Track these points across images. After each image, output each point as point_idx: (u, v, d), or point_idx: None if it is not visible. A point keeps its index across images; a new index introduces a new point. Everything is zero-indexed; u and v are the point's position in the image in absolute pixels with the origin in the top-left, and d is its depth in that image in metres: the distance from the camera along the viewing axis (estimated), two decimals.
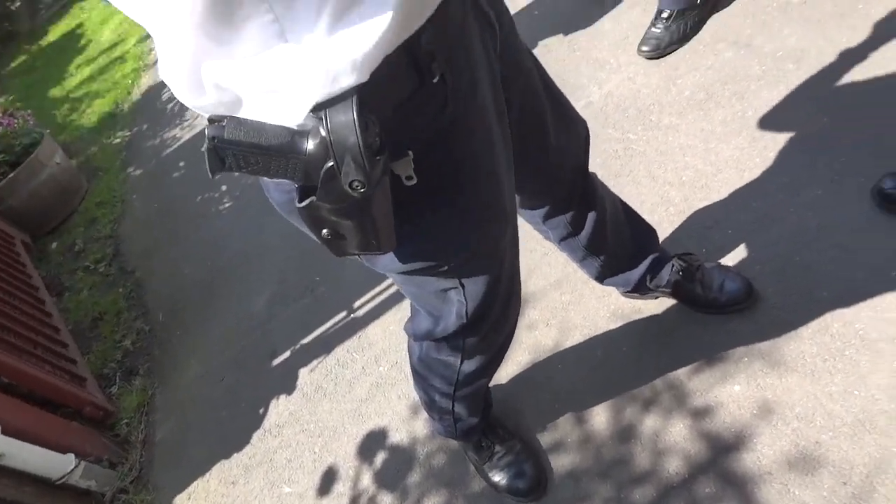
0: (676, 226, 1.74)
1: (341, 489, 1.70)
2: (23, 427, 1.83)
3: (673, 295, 1.54)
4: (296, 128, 0.60)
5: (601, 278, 1.48)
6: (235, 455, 1.94)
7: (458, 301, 0.98)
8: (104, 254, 3.19)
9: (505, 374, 1.69)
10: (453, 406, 1.31)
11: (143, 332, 2.59)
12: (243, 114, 0.62)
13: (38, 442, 1.84)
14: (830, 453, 1.26)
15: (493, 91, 0.81)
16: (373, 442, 1.75)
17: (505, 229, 0.92)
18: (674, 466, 1.38)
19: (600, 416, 1.52)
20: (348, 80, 0.58)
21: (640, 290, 1.52)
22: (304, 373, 2.04)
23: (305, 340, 2.14)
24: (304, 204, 0.63)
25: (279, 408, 1.99)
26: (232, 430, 2.02)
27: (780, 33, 2.01)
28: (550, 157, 1.11)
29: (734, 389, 1.42)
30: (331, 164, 0.58)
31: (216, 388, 2.18)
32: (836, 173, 1.61)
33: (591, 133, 1.21)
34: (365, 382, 1.90)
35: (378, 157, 0.59)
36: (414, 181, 0.69)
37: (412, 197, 0.72)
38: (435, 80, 0.67)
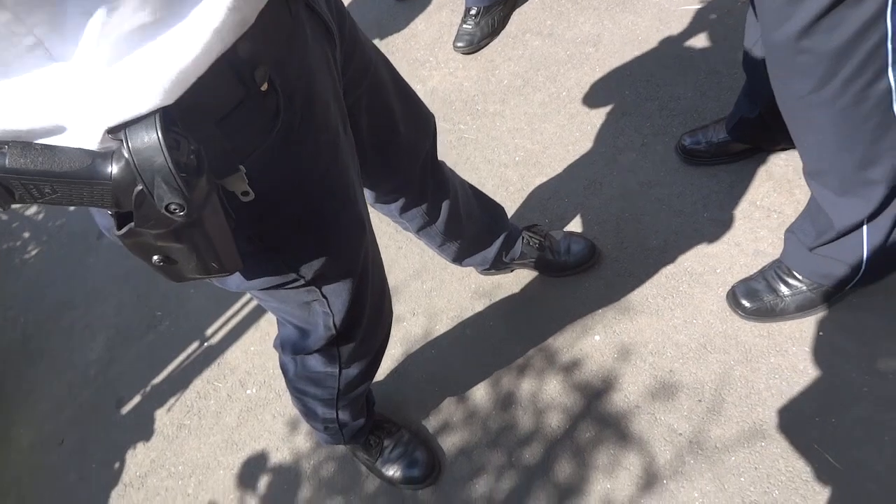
0: (519, 203, 1.85)
1: None
2: None
3: (527, 265, 1.63)
4: (96, 149, 0.53)
5: (459, 260, 1.53)
6: None
7: (323, 313, 0.95)
8: None
9: (381, 369, 1.66)
10: (338, 414, 1.28)
11: None
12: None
13: None
14: (683, 378, 1.41)
15: (335, 97, 0.79)
16: (253, 468, 1.64)
17: (362, 235, 0.90)
18: (555, 421, 1.46)
19: (480, 391, 1.57)
20: (148, 106, 0.52)
21: (496, 265, 1.59)
22: (160, 414, 1.86)
23: (156, 380, 1.95)
24: (122, 232, 0.56)
25: (137, 457, 1.80)
26: (85, 495, 1.78)
27: (576, 21, 2.22)
28: (403, 153, 1.12)
29: (595, 340, 1.54)
30: (140, 187, 0.52)
31: (57, 454, 1.92)
32: (645, 137, 1.81)
33: None
34: (233, 410, 1.78)
35: (198, 177, 0.54)
36: (251, 197, 0.65)
37: (255, 213, 0.68)
38: (264, 89, 0.64)
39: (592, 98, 1.98)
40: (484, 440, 1.49)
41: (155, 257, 0.60)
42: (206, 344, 1.97)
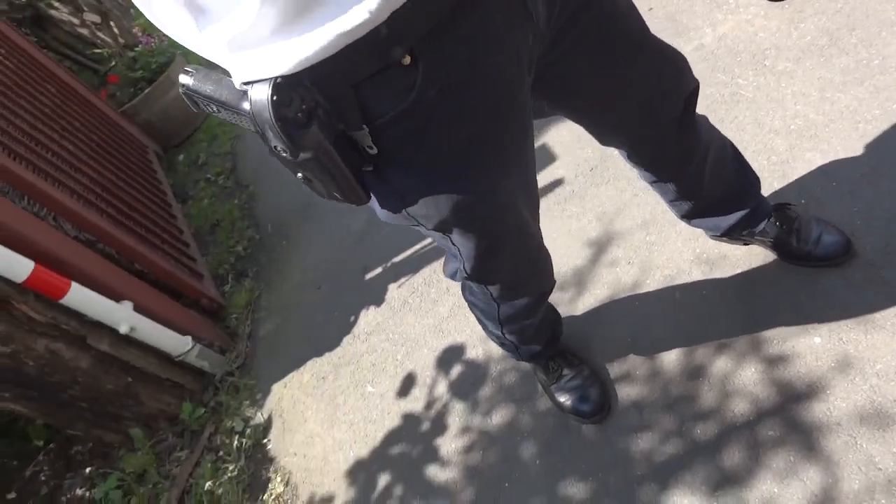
0: (777, 175, 1.69)
1: (418, 394, 1.84)
2: (151, 307, 2.09)
3: (765, 244, 1.52)
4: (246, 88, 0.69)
5: (689, 218, 1.47)
6: (327, 354, 2.13)
7: (455, 256, 1.02)
8: (223, 168, 3.46)
9: (582, 305, 1.74)
10: (505, 336, 1.37)
11: (254, 240, 2.83)
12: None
13: (163, 322, 2.10)
14: None
15: (509, 78, 0.80)
16: (451, 355, 1.87)
17: (490, 208, 0.91)
18: (740, 408, 1.39)
19: (671, 355, 1.55)
20: (271, 74, 0.66)
21: (730, 235, 1.50)
22: (392, 288, 2.18)
23: (396, 259, 2.27)
24: (269, 151, 0.72)
25: (368, 317, 2.15)
26: (325, 333, 2.21)
27: None
28: (633, 112, 1.07)
29: (814, 341, 1.40)
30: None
31: (314, 295, 2.38)
32: None
33: (698, 77, 1.16)
34: (448, 301, 2.01)
35: (304, 129, 0.66)
36: (374, 151, 0.75)
37: (383, 163, 0.78)
38: (406, 63, 0.70)
39: None
40: (660, 401, 1.49)
41: (298, 174, 0.75)
42: None
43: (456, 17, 0.71)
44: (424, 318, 2.01)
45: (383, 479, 1.74)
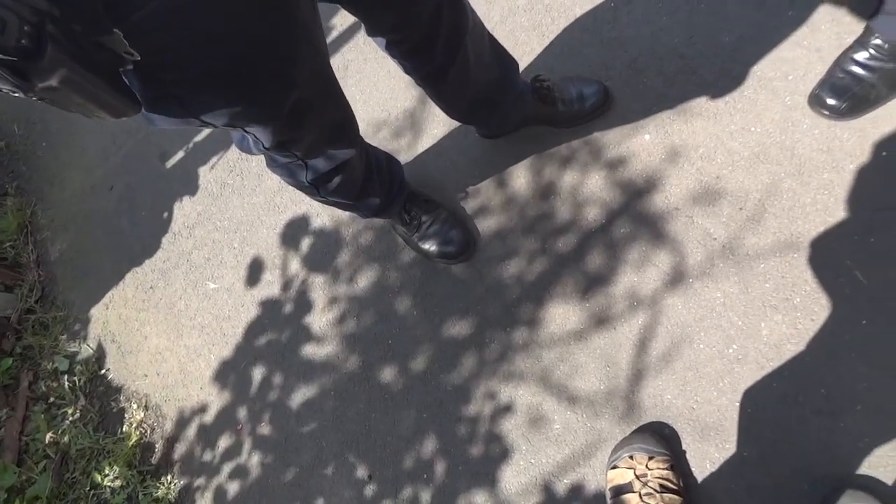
0: None
1: (270, 277, 1.71)
2: None
3: (538, 121, 1.52)
4: None
5: (462, 119, 1.46)
6: (147, 261, 1.86)
7: (249, 138, 0.94)
8: None
9: (421, 146, 1.67)
10: (328, 198, 1.26)
11: (0, 149, 2.28)
12: None
13: None
14: (729, 185, 1.39)
15: None
16: (294, 229, 1.73)
17: (285, 90, 0.84)
18: (592, 215, 1.48)
19: (520, 179, 1.57)
20: None
21: (503, 129, 1.51)
22: (203, 171, 1.91)
23: (198, 138, 1.97)
24: None
25: (185, 209, 1.89)
26: (137, 238, 1.91)
27: None
28: None
29: (645, 139, 1.49)
30: None
31: (107, 198, 2.02)
32: None
33: None
34: (274, 173, 1.81)
35: (35, 59, 0.50)
36: (136, 57, 0.61)
37: (152, 68, 0.67)
38: None
39: None
40: (520, 226, 1.53)
41: (34, 99, 0.57)
42: None
43: None
44: (252, 197, 1.81)
45: (258, 373, 1.64)
